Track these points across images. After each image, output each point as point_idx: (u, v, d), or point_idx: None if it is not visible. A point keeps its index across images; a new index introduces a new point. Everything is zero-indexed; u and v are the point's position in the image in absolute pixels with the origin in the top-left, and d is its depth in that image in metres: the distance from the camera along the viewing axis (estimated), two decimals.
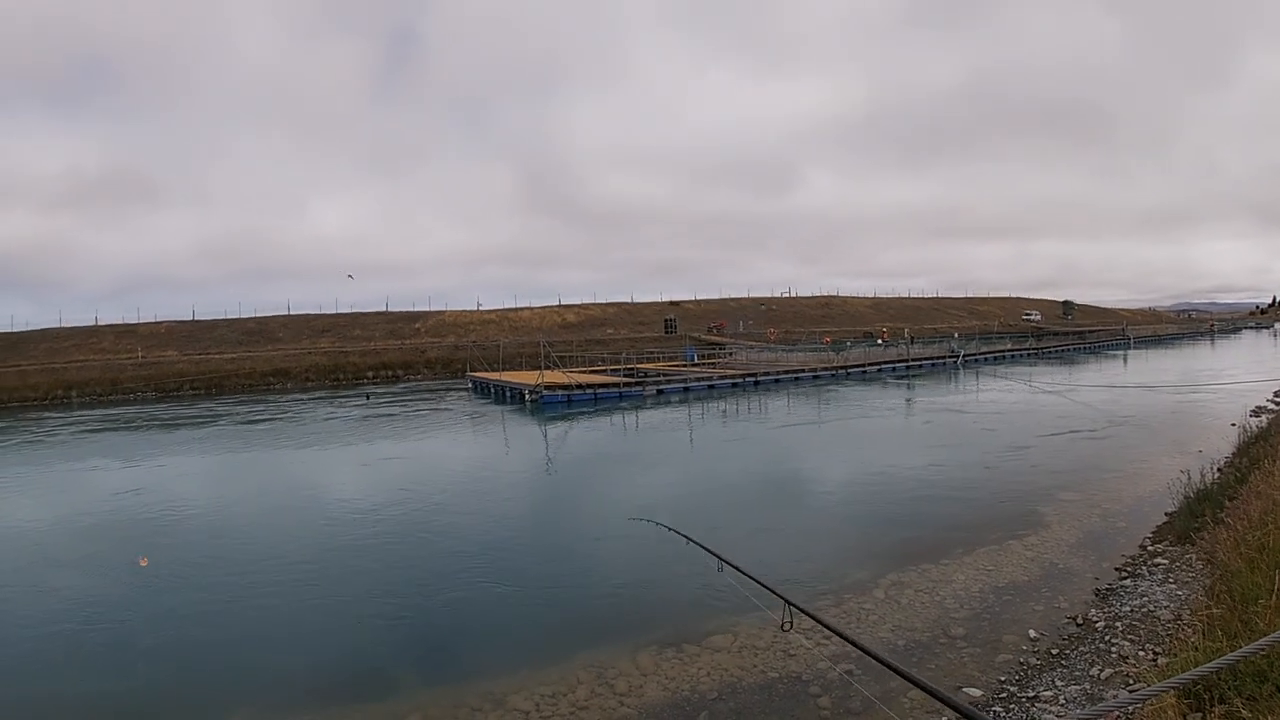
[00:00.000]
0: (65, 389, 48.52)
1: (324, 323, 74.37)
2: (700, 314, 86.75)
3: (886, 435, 24.61)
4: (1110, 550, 11.50)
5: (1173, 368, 47.63)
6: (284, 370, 55.36)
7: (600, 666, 8.47)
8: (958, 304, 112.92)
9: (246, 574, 12.46)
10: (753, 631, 9.08)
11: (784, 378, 43.81)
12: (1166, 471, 15.04)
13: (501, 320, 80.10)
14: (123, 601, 11.32)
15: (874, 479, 17.64)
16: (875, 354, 53.78)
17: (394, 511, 16.24)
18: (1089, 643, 8.08)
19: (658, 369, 46.74)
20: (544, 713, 7.57)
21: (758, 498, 16.73)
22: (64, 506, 18.63)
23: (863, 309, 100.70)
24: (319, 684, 8.57)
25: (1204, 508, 10.66)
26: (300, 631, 10.06)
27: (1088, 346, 74.64)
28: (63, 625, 10.39)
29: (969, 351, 56.58)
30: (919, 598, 10.09)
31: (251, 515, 16.92)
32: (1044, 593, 10.01)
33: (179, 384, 51.70)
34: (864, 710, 7.30)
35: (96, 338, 64.07)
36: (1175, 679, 2.74)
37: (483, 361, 49.65)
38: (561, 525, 15.71)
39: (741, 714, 7.38)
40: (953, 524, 13.51)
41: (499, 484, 19.48)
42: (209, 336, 66.77)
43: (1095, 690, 6.86)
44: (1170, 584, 9.21)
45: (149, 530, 15.53)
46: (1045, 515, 13.75)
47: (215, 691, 8.42)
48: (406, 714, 7.67)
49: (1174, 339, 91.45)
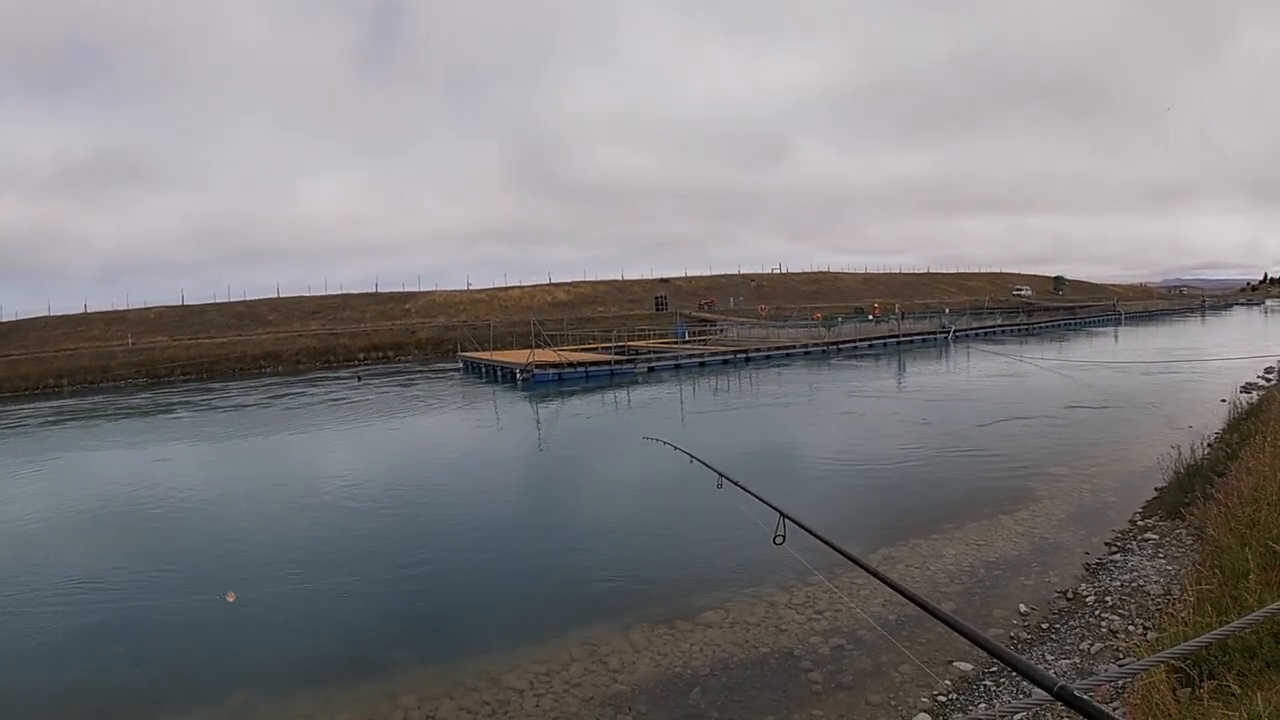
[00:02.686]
0: (56, 378, 48.12)
1: (313, 304, 73.93)
2: (691, 290, 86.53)
3: (876, 411, 24.65)
4: (1100, 525, 11.56)
5: (1163, 343, 47.82)
6: (274, 353, 55.08)
7: (593, 644, 8.51)
8: (948, 279, 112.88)
9: (240, 555, 12.46)
10: (745, 606, 9.14)
11: (775, 354, 43.88)
12: (1157, 447, 15.09)
13: (492, 300, 79.78)
14: (118, 583, 11.30)
15: (863, 454, 17.69)
16: (866, 330, 53.76)
17: (385, 492, 16.22)
18: (1079, 617, 8.14)
19: (649, 346, 46.74)
20: (537, 690, 7.60)
21: (747, 471, 16.72)
22: (62, 494, 18.59)
23: (854, 285, 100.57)
24: (314, 663, 8.57)
25: (1194, 483, 10.71)
26: (294, 611, 10.05)
27: (1078, 322, 74.77)
28: (56, 608, 10.38)
29: (959, 327, 56.69)
30: (909, 572, 10.14)
31: (245, 497, 16.90)
32: (1034, 567, 10.07)
33: (169, 369, 51.39)
34: (855, 684, 7.35)
35: (86, 325, 63.53)
36: (1165, 653, 2.72)
37: (473, 341, 49.51)
38: (553, 502, 15.72)
39: (734, 689, 7.42)
40: (943, 499, 13.57)
41: (490, 463, 19.47)
42: (198, 321, 66.29)
43: (1085, 664, 6.92)
44: (1160, 559, 9.28)
45: (145, 514, 15.52)
46: (1035, 490, 13.81)
47: (211, 672, 8.43)
48: (401, 693, 7.69)
49: (1165, 315, 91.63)
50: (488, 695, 7.57)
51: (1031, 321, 69.15)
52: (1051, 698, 1.64)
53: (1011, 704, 5.66)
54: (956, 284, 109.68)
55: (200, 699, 7.85)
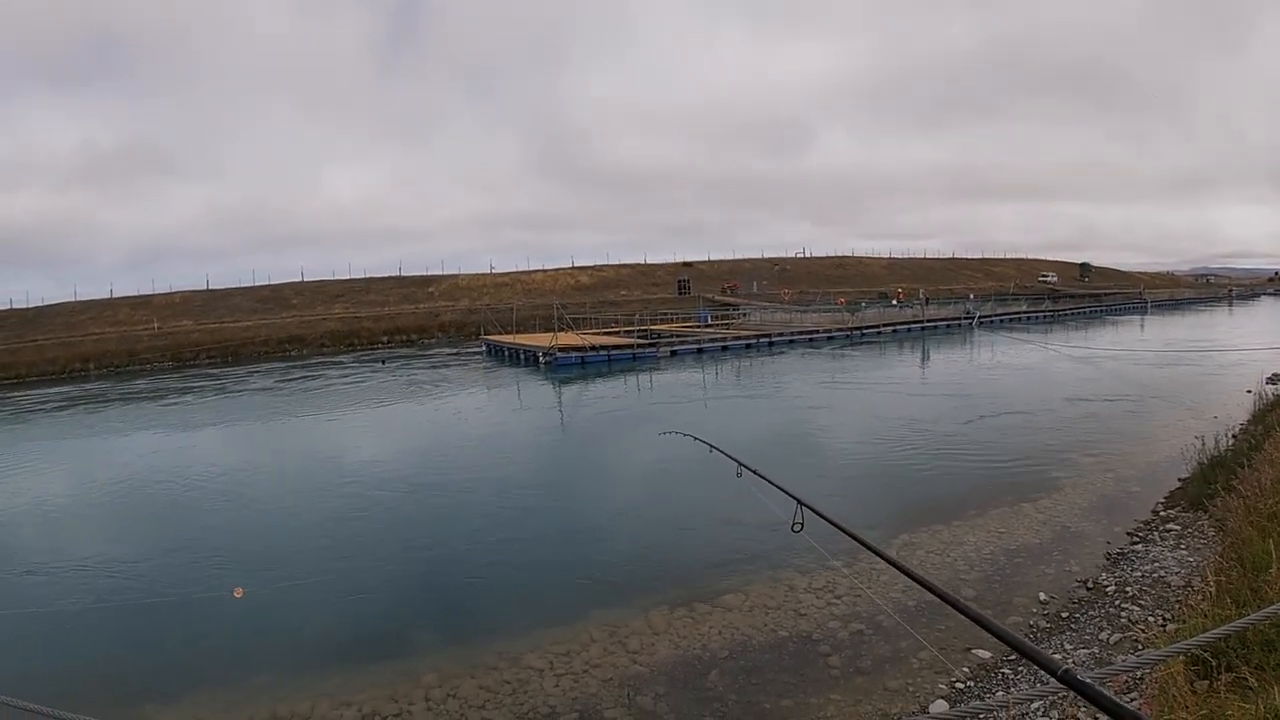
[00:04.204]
0: (83, 362, 48.77)
1: (338, 288, 74.55)
2: (714, 275, 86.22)
3: (899, 396, 24.55)
4: (1122, 515, 11.50)
5: (1190, 333, 47.12)
6: (299, 337, 55.67)
7: (613, 626, 8.62)
8: (973, 265, 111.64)
9: (263, 537, 12.70)
10: (764, 590, 9.22)
11: (798, 339, 43.67)
12: (1181, 437, 14.95)
13: (515, 283, 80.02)
14: (139, 566, 11.56)
15: (886, 440, 17.65)
16: (890, 315, 53.37)
17: (407, 474, 16.44)
18: (1099, 607, 8.14)
19: (671, 330, 46.71)
20: (557, 670, 7.73)
21: (767, 457, 16.75)
22: (86, 475, 19.00)
23: (878, 269, 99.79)
24: (336, 643, 8.76)
25: (1217, 474, 10.60)
26: (316, 592, 10.24)
27: (1104, 309, 73.86)
28: (77, 587, 10.65)
29: (984, 313, 56.15)
30: (930, 558, 10.16)
31: (271, 479, 17.20)
32: (1055, 556, 10.05)
33: (195, 353, 52.07)
34: (873, 670, 7.41)
35: (112, 310, 64.49)
36: (1183, 644, 2.75)
37: (496, 324, 49.72)
38: (572, 487, 15.86)
39: (752, 672, 7.50)
40: (965, 486, 13.54)
41: (512, 446, 19.62)
42: (223, 305, 67.08)
43: (1104, 654, 6.93)
44: (1181, 550, 9.23)
45: (169, 494, 15.84)
46: (1058, 478, 13.74)
47: (233, 652, 8.61)
48: (422, 672, 7.85)
49: (1191, 303, 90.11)
50: (508, 674, 7.71)
51: (1057, 309, 68.25)
52: (1059, 683, 1.69)
53: (1027, 691, 5.70)
54: (982, 270, 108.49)
55: (222, 679, 7.98)
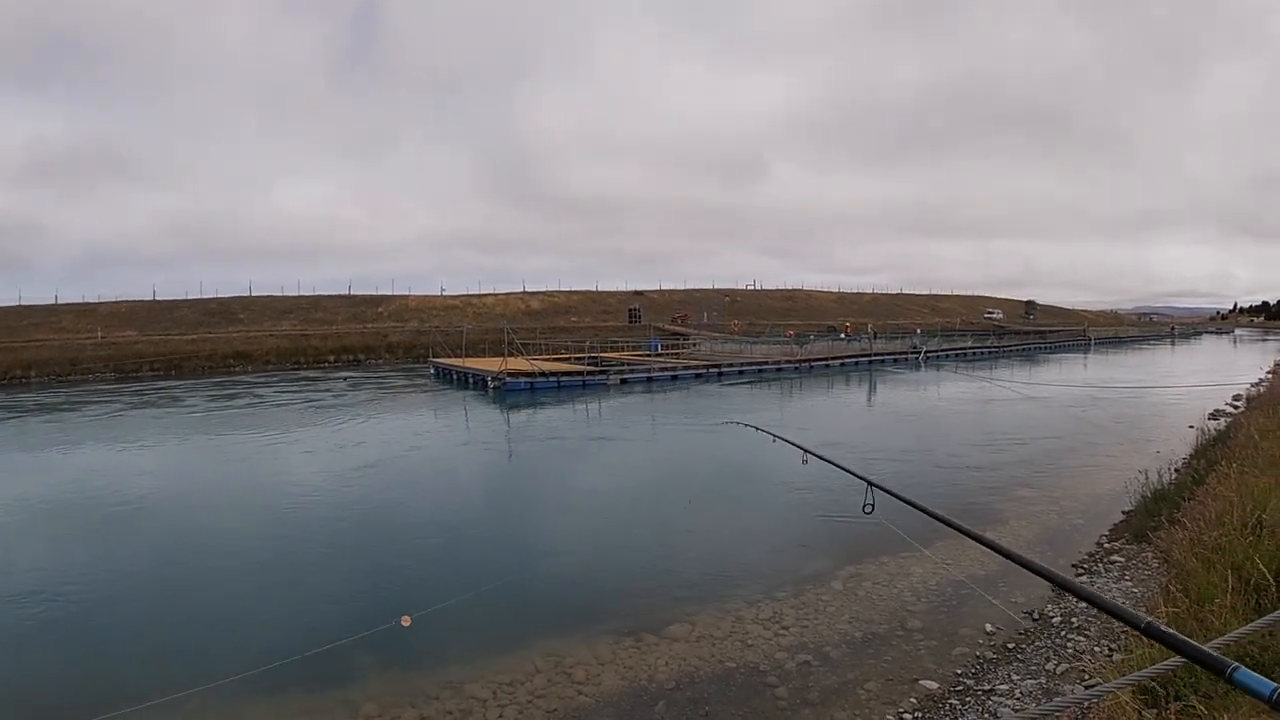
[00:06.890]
0: (24, 369, 47.29)
1: (286, 305, 73.15)
2: (665, 304, 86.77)
3: (845, 429, 24.73)
4: (1067, 547, 11.63)
5: (1133, 371, 48.55)
6: (244, 353, 54.33)
7: (558, 655, 8.37)
8: (920, 301, 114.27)
9: (201, 558, 12.17)
10: (711, 620, 9.06)
11: (747, 369, 44.04)
12: (1124, 471, 15.22)
13: (465, 306, 79.44)
14: (77, 583, 10.97)
15: (831, 472, 17.66)
16: (838, 348, 54.15)
17: (351, 498, 15.98)
18: (1045, 638, 8.15)
19: (621, 358, 46.69)
20: (500, 700, 7.45)
21: (711, 489, 16.69)
22: (21, 489, 18.11)
23: (827, 304, 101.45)
24: (274, 669, 8.30)
25: (1161, 507, 10.80)
26: (256, 615, 9.81)
27: (1049, 346, 75.99)
28: (13, 607, 10.05)
29: (931, 348, 57.28)
30: (876, 590, 10.13)
31: (210, 500, 16.54)
32: (1001, 588, 10.07)
33: (138, 364, 50.53)
34: (820, 701, 7.29)
35: (56, 317, 62.44)
36: (1131, 676, 2.72)
37: (445, 347, 49.13)
38: (518, 511, 15.57)
39: (699, 703, 7.32)
40: (910, 518, 13.56)
41: (456, 471, 19.27)
42: (169, 317, 65.33)
43: (1051, 685, 6.91)
44: (1126, 581, 9.33)
45: (109, 513, 15.14)
46: (1003, 511, 13.89)
47: (167, 675, 8.12)
48: (362, 702, 7.51)
49: (1135, 341, 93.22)
50: (450, 704, 7.41)
51: (1002, 345, 70.04)
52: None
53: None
54: (929, 305, 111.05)
55: (152, 703, 7.56)
